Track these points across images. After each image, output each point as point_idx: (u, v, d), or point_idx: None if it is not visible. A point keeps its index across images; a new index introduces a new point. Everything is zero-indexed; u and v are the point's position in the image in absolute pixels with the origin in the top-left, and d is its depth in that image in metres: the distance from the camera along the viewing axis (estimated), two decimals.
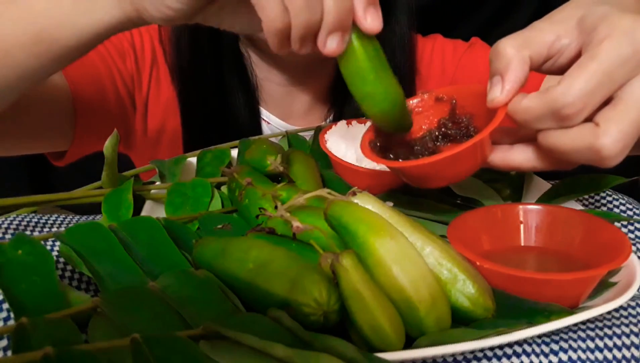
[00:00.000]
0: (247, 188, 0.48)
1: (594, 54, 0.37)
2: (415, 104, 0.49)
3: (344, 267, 0.31)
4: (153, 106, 0.79)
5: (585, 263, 0.39)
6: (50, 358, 0.25)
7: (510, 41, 0.40)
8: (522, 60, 0.40)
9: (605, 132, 0.37)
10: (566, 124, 0.38)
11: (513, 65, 0.40)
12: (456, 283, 0.35)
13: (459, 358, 0.33)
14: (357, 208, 0.35)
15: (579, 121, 0.38)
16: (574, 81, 0.37)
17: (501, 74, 0.40)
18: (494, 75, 0.41)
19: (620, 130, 0.36)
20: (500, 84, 0.40)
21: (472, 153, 0.41)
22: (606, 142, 0.36)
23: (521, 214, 0.44)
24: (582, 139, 0.37)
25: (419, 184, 0.45)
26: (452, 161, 0.41)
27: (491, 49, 0.41)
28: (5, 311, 0.34)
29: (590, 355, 0.34)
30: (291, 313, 0.31)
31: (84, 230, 0.40)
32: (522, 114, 0.39)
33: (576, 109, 0.37)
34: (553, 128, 0.39)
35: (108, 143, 0.47)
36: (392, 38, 0.77)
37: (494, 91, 0.41)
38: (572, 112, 0.37)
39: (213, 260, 0.37)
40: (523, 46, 0.40)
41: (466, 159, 0.42)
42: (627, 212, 0.52)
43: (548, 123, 0.39)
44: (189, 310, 0.32)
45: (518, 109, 0.40)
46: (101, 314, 0.31)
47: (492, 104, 0.41)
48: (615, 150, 0.37)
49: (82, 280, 0.40)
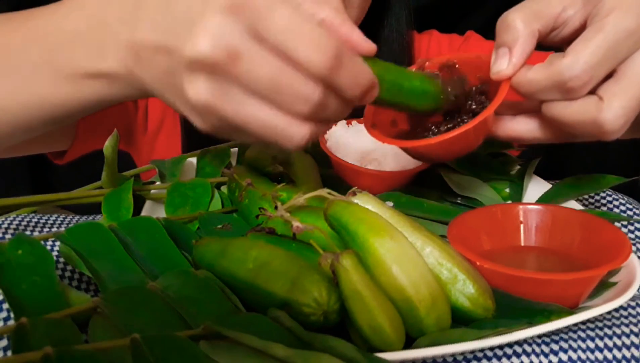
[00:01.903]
0: (247, 188, 0.48)
1: (600, 27, 0.37)
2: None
3: (344, 267, 0.31)
4: (153, 102, 0.78)
5: (585, 263, 0.39)
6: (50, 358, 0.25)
7: (520, 14, 0.40)
8: (532, 34, 0.40)
9: (609, 107, 0.37)
10: (571, 96, 0.38)
11: (522, 39, 0.40)
12: (456, 283, 0.35)
13: (459, 358, 0.33)
14: (357, 208, 0.35)
15: (583, 93, 0.38)
16: (580, 54, 0.37)
17: (509, 47, 0.40)
18: (500, 46, 0.41)
19: (623, 105, 0.37)
20: (507, 56, 0.40)
21: (478, 129, 0.42)
22: (609, 116, 0.37)
23: (521, 214, 0.44)
24: (586, 112, 0.38)
25: (427, 161, 0.47)
26: (459, 138, 0.41)
27: (499, 20, 0.41)
28: (5, 311, 0.34)
29: (590, 355, 0.34)
30: (291, 313, 0.31)
31: (84, 230, 0.40)
32: (527, 86, 0.40)
33: (582, 82, 0.37)
34: (557, 100, 0.39)
35: (108, 143, 0.47)
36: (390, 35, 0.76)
37: (500, 63, 0.41)
38: (577, 85, 0.37)
39: (213, 260, 0.37)
40: (533, 19, 0.40)
41: (473, 136, 0.43)
42: (627, 212, 0.52)
43: (553, 95, 0.39)
44: (189, 310, 0.32)
45: (523, 82, 0.40)
46: (101, 314, 0.31)
47: (497, 76, 0.41)
48: (617, 125, 0.37)
49: (82, 280, 0.40)
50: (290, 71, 0.34)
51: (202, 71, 0.34)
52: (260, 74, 0.34)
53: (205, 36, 0.33)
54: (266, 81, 0.34)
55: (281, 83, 0.34)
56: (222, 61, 0.33)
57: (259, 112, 0.35)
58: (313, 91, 0.34)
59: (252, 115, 0.35)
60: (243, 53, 0.33)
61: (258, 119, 0.35)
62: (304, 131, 0.35)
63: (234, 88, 0.35)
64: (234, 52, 0.33)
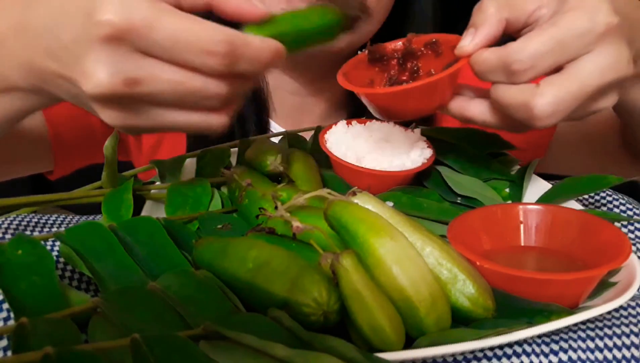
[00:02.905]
0: (247, 189, 0.48)
1: (554, 21, 0.40)
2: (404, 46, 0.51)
3: (344, 267, 0.31)
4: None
5: (585, 263, 0.39)
6: (50, 358, 0.25)
7: (493, 2, 0.42)
8: (499, 20, 0.42)
9: (542, 94, 0.39)
10: (513, 79, 0.41)
11: (488, 22, 0.42)
12: (456, 283, 0.35)
13: (459, 358, 0.33)
14: (357, 208, 0.35)
15: (525, 79, 0.40)
16: (529, 41, 0.40)
17: (476, 28, 0.43)
18: (470, 27, 0.44)
19: (556, 95, 0.39)
20: (472, 35, 0.43)
21: (430, 89, 0.45)
22: (540, 102, 0.39)
23: (521, 214, 0.44)
24: (521, 95, 0.40)
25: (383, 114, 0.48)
26: (408, 93, 0.45)
27: (476, 5, 0.43)
28: (5, 311, 0.34)
29: (590, 355, 0.34)
30: (291, 313, 0.31)
31: (84, 230, 0.40)
32: (479, 65, 0.42)
33: (524, 67, 0.40)
34: (503, 83, 0.41)
35: (108, 143, 0.47)
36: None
37: (465, 40, 0.43)
38: (520, 69, 0.40)
39: (213, 260, 0.37)
40: (504, 8, 0.42)
41: (424, 95, 0.46)
42: (627, 212, 0.52)
43: (499, 76, 0.41)
44: (189, 310, 0.32)
45: (477, 60, 0.42)
46: (101, 314, 0.31)
47: (459, 51, 0.44)
48: (546, 112, 0.39)
49: (82, 280, 0.40)
50: (190, 76, 0.35)
51: (107, 102, 0.35)
52: (162, 89, 0.35)
53: (97, 72, 0.34)
54: (170, 93, 0.35)
55: (185, 91, 0.36)
56: (121, 91, 0.34)
57: (175, 118, 0.37)
58: (218, 87, 0.36)
59: (170, 121, 0.37)
60: (139, 76, 0.34)
61: (176, 122, 0.37)
62: (221, 118, 0.38)
63: (143, 106, 0.36)
64: (129, 79, 0.34)
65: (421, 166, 0.53)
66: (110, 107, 0.36)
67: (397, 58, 0.51)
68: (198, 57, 0.35)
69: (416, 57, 0.51)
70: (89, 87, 0.35)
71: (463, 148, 0.57)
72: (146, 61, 0.35)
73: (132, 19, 0.33)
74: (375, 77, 0.52)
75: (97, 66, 0.34)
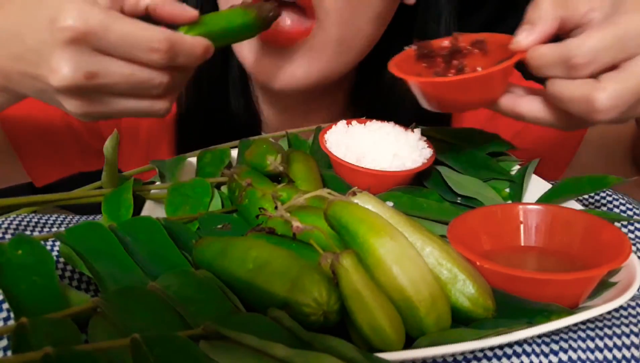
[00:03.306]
0: (247, 189, 0.48)
1: (613, 20, 0.41)
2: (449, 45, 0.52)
3: (344, 267, 0.31)
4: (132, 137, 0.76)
5: (585, 263, 0.39)
6: (50, 358, 0.25)
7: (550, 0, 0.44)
8: (554, 17, 0.44)
9: (604, 88, 0.40)
10: (573, 74, 0.42)
11: (544, 19, 0.44)
12: (456, 283, 0.35)
13: (459, 358, 0.33)
14: (357, 208, 0.35)
15: (584, 74, 0.41)
16: (589, 36, 0.41)
17: (532, 24, 0.44)
18: (526, 23, 0.45)
19: (616, 89, 0.40)
20: (528, 31, 0.44)
21: (486, 82, 0.46)
22: (601, 96, 0.40)
23: (521, 214, 0.44)
24: (582, 89, 0.41)
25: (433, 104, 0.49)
26: (465, 84, 0.46)
27: (531, 2, 0.45)
28: (5, 311, 0.34)
29: (590, 355, 0.34)
30: (291, 313, 0.31)
31: (84, 230, 0.40)
32: (537, 59, 0.44)
33: (584, 61, 0.41)
34: (561, 77, 0.43)
35: (108, 143, 0.47)
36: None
37: (521, 35, 0.45)
38: (580, 63, 0.41)
39: (213, 260, 0.37)
40: (560, 6, 0.44)
41: (480, 87, 0.47)
42: (627, 212, 0.52)
43: (557, 71, 0.43)
44: (189, 310, 0.32)
45: (534, 55, 0.44)
46: (101, 314, 0.31)
47: (514, 46, 0.45)
48: (607, 105, 0.40)
49: (82, 280, 0.40)
50: (138, 69, 0.44)
51: (71, 93, 0.43)
52: (116, 80, 0.43)
53: (61, 68, 0.42)
54: (122, 83, 0.44)
55: (135, 81, 0.44)
56: (82, 83, 0.42)
57: (126, 104, 0.46)
58: (162, 77, 0.45)
59: (122, 107, 0.46)
60: (96, 70, 0.42)
61: (128, 108, 0.46)
62: (165, 103, 0.47)
63: (101, 96, 0.45)
64: (89, 73, 0.42)
65: (421, 166, 0.53)
66: (72, 97, 0.44)
67: (444, 55, 0.52)
68: (144, 54, 0.43)
69: (462, 55, 0.51)
70: (55, 81, 0.42)
71: (463, 148, 0.57)
72: (102, 58, 0.43)
73: (89, 23, 0.41)
74: (422, 73, 0.52)
75: (61, 63, 0.42)
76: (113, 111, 0.46)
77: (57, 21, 0.41)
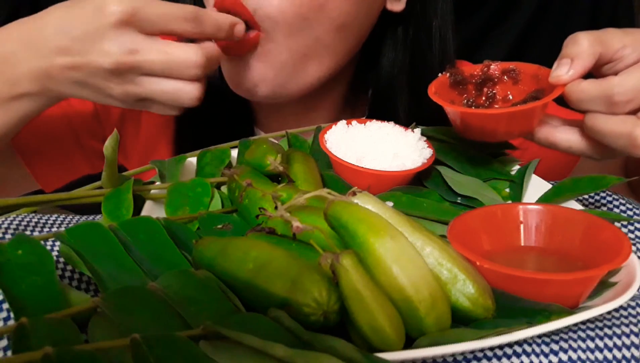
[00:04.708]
0: (247, 189, 0.47)
1: None
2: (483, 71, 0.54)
3: (344, 267, 0.31)
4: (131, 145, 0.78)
5: (585, 263, 0.39)
6: (50, 358, 0.25)
7: (587, 35, 0.46)
8: (593, 53, 0.45)
9: None
10: (613, 110, 0.44)
11: (584, 55, 0.45)
12: (456, 283, 0.35)
13: (459, 358, 0.33)
14: (357, 208, 0.35)
15: (625, 110, 0.44)
16: (631, 75, 0.44)
17: (572, 58, 0.46)
18: (564, 57, 0.47)
19: None
20: (568, 66, 0.46)
21: (528, 114, 0.48)
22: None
23: (521, 214, 0.44)
24: (624, 125, 0.43)
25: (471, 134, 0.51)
26: (508, 116, 0.48)
27: (568, 37, 0.47)
28: (5, 311, 0.34)
29: (590, 355, 0.34)
30: (291, 313, 0.31)
31: (84, 230, 0.40)
32: (578, 93, 0.45)
33: (626, 98, 0.43)
34: (600, 112, 0.45)
35: (108, 143, 0.47)
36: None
37: (561, 69, 0.46)
38: (622, 100, 0.43)
39: (213, 260, 0.37)
40: (597, 42, 0.45)
41: (521, 120, 0.49)
42: (627, 212, 0.52)
43: (598, 106, 0.45)
44: (189, 310, 0.32)
45: (575, 89, 0.45)
46: (101, 314, 0.31)
47: (554, 80, 0.47)
48: None
49: (82, 280, 0.40)
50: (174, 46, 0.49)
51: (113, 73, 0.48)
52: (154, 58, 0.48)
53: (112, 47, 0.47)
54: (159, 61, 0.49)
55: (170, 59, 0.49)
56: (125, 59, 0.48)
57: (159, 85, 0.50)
58: (195, 55, 0.50)
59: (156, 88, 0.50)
60: (138, 47, 0.48)
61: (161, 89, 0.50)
62: (197, 86, 0.51)
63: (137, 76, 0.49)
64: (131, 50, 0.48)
65: (421, 166, 0.53)
66: (117, 78, 0.49)
67: (475, 83, 0.54)
68: (178, 24, 0.49)
69: (494, 82, 0.54)
70: (107, 62, 0.48)
71: (463, 148, 0.57)
72: (143, 37, 0.48)
73: (133, 4, 0.47)
74: (455, 99, 0.54)
75: (111, 44, 0.48)
76: (148, 92, 0.50)
77: (105, 7, 0.47)
